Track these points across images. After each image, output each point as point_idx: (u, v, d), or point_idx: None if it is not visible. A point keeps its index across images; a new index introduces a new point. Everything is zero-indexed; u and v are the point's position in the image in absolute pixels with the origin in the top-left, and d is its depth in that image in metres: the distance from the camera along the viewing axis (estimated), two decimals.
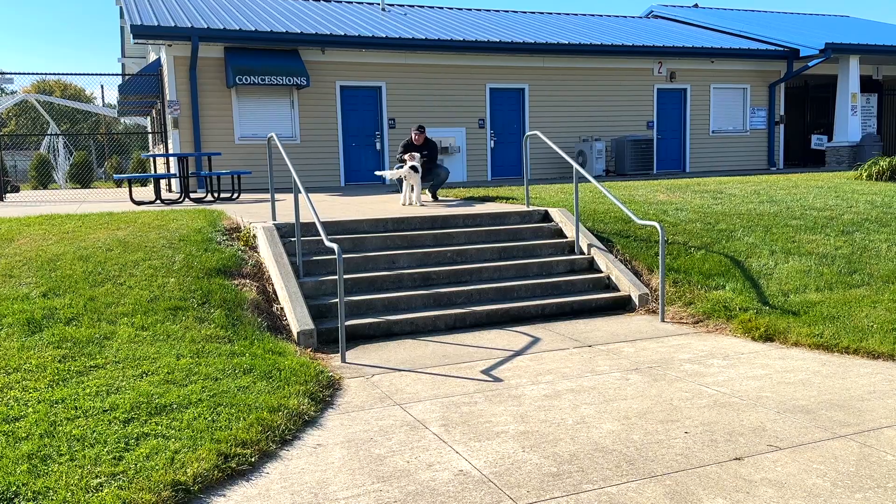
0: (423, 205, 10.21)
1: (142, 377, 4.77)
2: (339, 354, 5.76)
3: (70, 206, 11.66)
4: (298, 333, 6.04)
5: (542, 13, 23.02)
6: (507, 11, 22.74)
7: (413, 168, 10.21)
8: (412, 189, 10.23)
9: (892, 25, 25.28)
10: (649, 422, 4.31)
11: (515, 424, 4.31)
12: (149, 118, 23.11)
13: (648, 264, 7.85)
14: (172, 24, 14.47)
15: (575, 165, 8.11)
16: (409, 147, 11.00)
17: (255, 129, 15.71)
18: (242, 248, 7.52)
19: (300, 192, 6.91)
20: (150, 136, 23.72)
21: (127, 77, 17.19)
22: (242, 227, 8.13)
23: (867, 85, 22.14)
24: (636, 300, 7.32)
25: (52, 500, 3.29)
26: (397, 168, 10.56)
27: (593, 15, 23.72)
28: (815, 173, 16.04)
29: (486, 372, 5.37)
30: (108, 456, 3.70)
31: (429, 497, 3.42)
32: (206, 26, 14.74)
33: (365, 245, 7.71)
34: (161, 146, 18.16)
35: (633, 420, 4.34)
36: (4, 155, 24.19)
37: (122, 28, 20.39)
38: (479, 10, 22.43)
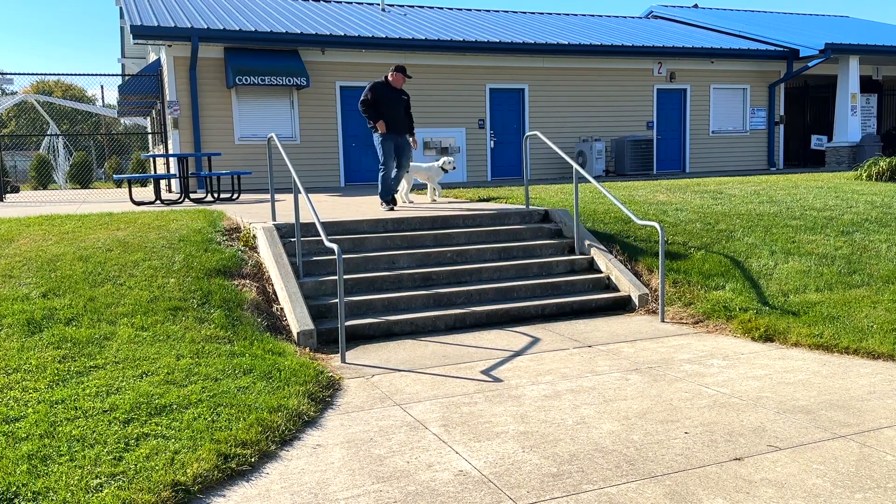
0: (411, 202, 10.21)
1: (142, 377, 4.77)
2: (339, 355, 5.76)
3: (70, 207, 11.66)
4: (298, 334, 6.04)
5: (542, 13, 23.03)
6: (507, 11, 22.75)
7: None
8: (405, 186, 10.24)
9: (892, 25, 25.28)
10: (649, 422, 4.31)
11: (515, 425, 4.31)
12: (149, 118, 23.12)
13: (648, 264, 7.85)
14: (172, 25, 14.48)
15: (575, 166, 8.10)
16: (384, 91, 9.17)
17: (254, 129, 15.71)
18: (242, 248, 7.52)
19: (300, 192, 6.91)
20: (149, 136, 23.72)
21: (127, 77, 17.19)
22: (242, 228, 8.13)
23: (867, 85, 22.15)
24: (636, 300, 7.32)
25: (51, 500, 3.29)
26: (372, 130, 9.26)
27: (593, 15, 23.73)
28: (815, 173, 16.05)
29: (486, 372, 5.37)
30: (108, 456, 3.70)
31: (429, 497, 3.42)
32: (205, 26, 14.75)
33: (365, 245, 7.71)
34: (161, 146, 18.17)
35: (633, 420, 4.34)
36: (4, 155, 24.20)
37: (121, 28, 20.40)
38: (479, 10, 22.44)
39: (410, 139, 9.60)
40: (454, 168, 10.46)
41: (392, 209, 9.03)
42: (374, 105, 9.09)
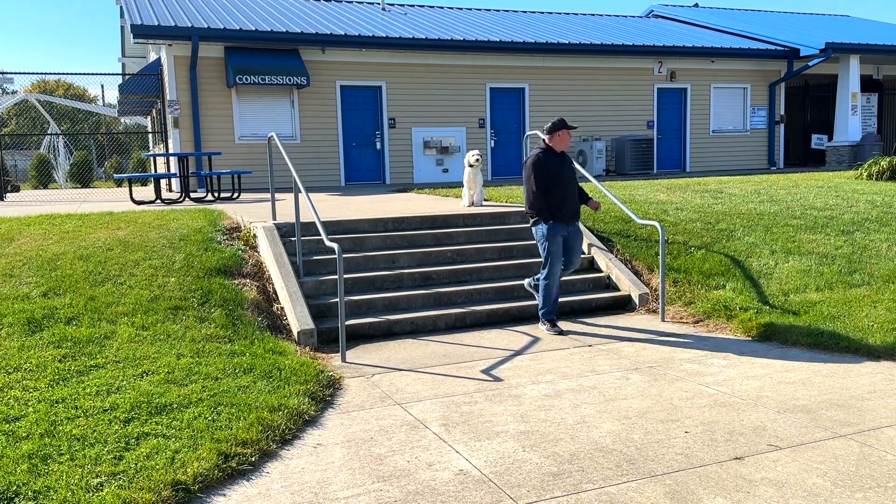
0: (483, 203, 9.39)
1: (142, 377, 4.77)
2: (340, 354, 5.76)
3: (70, 206, 11.66)
4: (299, 333, 6.04)
5: (542, 13, 23.02)
6: (507, 11, 22.74)
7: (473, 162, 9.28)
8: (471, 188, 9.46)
9: (892, 25, 25.28)
10: (649, 421, 4.31)
11: (516, 424, 4.31)
12: (149, 118, 23.12)
13: (648, 264, 7.85)
14: (173, 24, 14.47)
15: (575, 165, 8.09)
16: (550, 164, 6.45)
17: (255, 128, 15.71)
18: (243, 247, 7.52)
19: (300, 191, 6.91)
20: (150, 135, 23.72)
21: (127, 77, 17.18)
22: (243, 227, 8.13)
23: (867, 84, 22.14)
24: (636, 300, 7.32)
25: (52, 499, 3.29)
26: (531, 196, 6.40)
27: (593, 14, 23.71)
28: (816, 173, 16.04)
29: (486, 371, 5.37)
30: (109, 455, 3.71)
31: (429, 496, 3.42)
32: (206, 26, 14.74)
33: (365, 245, 7.71)
34: (161, 146, 18.16)
35: (634, 420, 4.34)
36: (5, 155, 24.19)
37: (122, 28, 20.39)
38: (479, 9, 22.43)
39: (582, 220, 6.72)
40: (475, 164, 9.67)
41: (560, 333, 6.52)
42: (545, 192, 6.43)
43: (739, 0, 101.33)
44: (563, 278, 6.71)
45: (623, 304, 7.39)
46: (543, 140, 6.57)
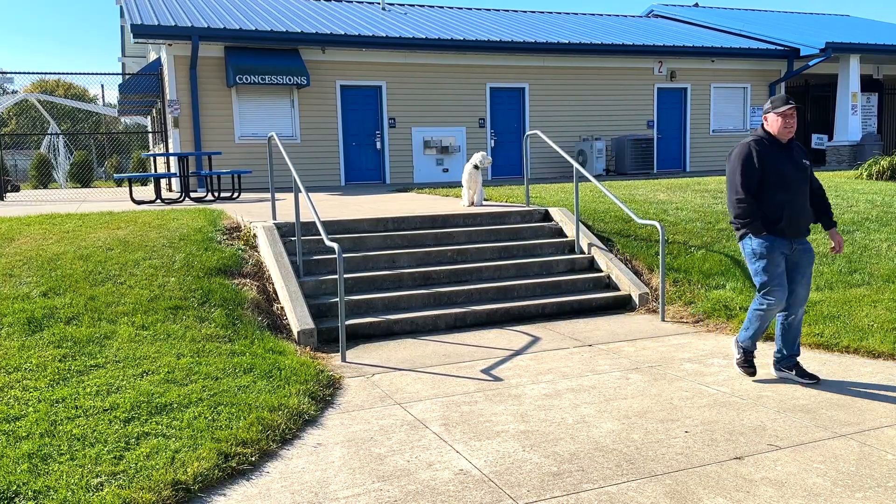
0: (483, 203, 9.47)
1: (142, 376, 4.77)
2: (340, 354, 5.76)
3: (70, 206, 11.66)
4: (299, 333, 6.04)
5: (542, 13, 23.02)
6: (507, 11, 22.74)
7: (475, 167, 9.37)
8: (469, 187, 9.49)
9: (892, 25, 25.27)
10: (649, 421, 4.31)
11: (516, 424, 4.31)
12: (149, 117, 23.12)
13: (649, 264, 7.85)
14: (173, 24, 14.47)
15: (575, 165, 8.11)
16: (769, 155, 4.78)
17: (255, 128, 15.71)
18: (243, 247, 7.52)
19: (300, 191, 6.91)
20: (150, 135, 23.72)
21: (127, 76, 17.18)
22: (243, 227, 8.13)
23: (867, 84, 22.14)
24: (636, 299, 7.32)
25: (52, 499, 3.29)
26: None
27: (593, 14, 23.71)
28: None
29: (486, 371, 5.37)
30: (109, 455, 3.71)
31: (429, 496, 3.42)
32: (206, 25, 14.75)
33: (365, 244, 7.71)
34: (161, 145, 18.16)
35: (634, 419, 4.34)
36: (5, 154, 24.19)
37: (122, 27, 20.39)
38: (479, 9, 22.43)
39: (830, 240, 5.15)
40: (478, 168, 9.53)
41: (752, 373, 5.11)
42: (759, 194, 4.84)
43: (739, 0, 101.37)
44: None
45: (623, 304, 7.39)
46: (761, 125, 4.94)
